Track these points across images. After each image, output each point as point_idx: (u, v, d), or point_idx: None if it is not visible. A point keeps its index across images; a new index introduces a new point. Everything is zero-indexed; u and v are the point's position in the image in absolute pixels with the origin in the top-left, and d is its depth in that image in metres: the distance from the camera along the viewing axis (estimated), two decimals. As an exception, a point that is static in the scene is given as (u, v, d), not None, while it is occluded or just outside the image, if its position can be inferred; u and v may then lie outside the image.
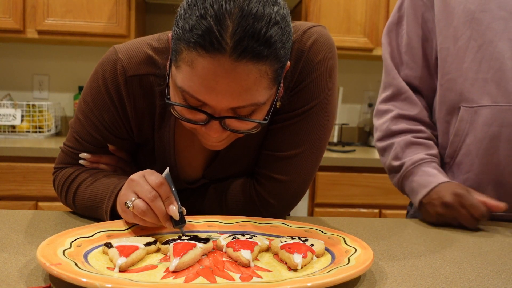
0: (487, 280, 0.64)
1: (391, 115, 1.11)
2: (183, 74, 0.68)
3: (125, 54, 0.84)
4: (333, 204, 2.37)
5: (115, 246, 0.65)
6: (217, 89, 0.66)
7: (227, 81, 0.65)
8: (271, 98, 0.73)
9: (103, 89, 0.85)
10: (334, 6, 2.60)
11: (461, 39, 1.01)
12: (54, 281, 0.57)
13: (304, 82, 0.85)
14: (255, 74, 0.66)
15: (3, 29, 2.45)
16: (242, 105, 0.69)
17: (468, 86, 1.01)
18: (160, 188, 0.73)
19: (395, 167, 1.08)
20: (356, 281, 0.61)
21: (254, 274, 0.61)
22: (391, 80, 1.13)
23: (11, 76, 2.85)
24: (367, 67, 3.02)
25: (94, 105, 0.87)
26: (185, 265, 0.61)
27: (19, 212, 0.91)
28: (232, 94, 0.67)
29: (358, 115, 3.06)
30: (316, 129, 0.87)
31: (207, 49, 0.64)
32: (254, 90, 0.68)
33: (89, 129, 0.89)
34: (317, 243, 0.69)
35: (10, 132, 2.56)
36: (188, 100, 0.70)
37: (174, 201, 0.73)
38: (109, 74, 0.84)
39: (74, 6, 2.48)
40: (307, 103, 0.86)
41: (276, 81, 0.71)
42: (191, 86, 0.68)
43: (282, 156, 0.88)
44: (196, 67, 0.66)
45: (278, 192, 0.89)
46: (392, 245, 0.79)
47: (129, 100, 0.85)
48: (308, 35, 0.84)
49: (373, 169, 2.35)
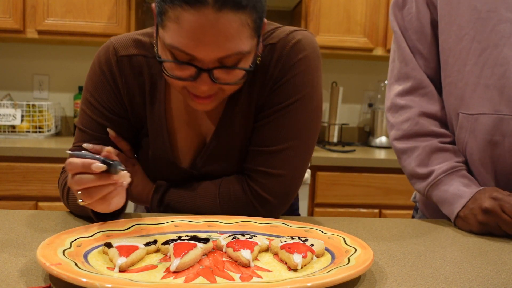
0: (487, 280, 0.64)
1: (412, 113, 1.02)
2: (171, 32, 0.74)
3: (117, 39, 0.94)
4: (333, 204, 2.37)
5: (115, 246, 0.65)
6: (204, 41, 0.73)
7: (212, 31, 0.72)
8: (253, 49, 0.80)
9: (98, 71, 0.93)
10: (334, 6, 2.60)
11: (464, 40, 0.95)
12: (54, 281, 0.57)
13: (285, 78, 0.89)
14: (237, 23, 0.73)
15: (3, 29, 2.45)
16: (228, 55, 0.75)
17: (469, 92, 0.95)
18: (71, 166, 0.71)
19: (421, 175, 1.00)
20: (356, 281, 0.61)
21: (254, 274, 0.61)
22: (410, 71, 1.03)
23: (11, 76, 2.85)
24: (367, 67, 3.01)
25: (93, 88, 0.93)
26: (186, 265, 0.61)
27: (19, 212, 0.91)
28: (218, 44, 0.73)
29: (358, 115, 3.06)
30: (299, 125, 0.90)
31: (190, 3, 0.71)
32: (237, 39, 0.74)
33: (93, 116, 0.94)
34: (317, 243, 0.69)
35: (10, 132, 2.56)
36: (177, 56, 0.76)
37: (89, 161, 0.69)
38: (103, 56, 0.93)
39: (74, 6, 2.48)
40: (288, 98, 0.89)
41: (256, 31, 0.78)
42: (179, 41, 0.74)
43: (269, 151, 0.91)
44: (182, 22, 0.72)
45: (270, 186, 0.91)
46: (392, 245, 0.79)
47: (120, 78, 0.92)
48: (292, 35, 0.90)
49: (373, 169, 2.35)
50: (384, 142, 2.84)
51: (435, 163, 0.98)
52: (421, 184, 1.01)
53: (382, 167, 2.34)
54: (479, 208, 0.88)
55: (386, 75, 2.98)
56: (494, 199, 0.87)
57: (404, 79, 1.04)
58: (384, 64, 3.00)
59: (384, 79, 2.95)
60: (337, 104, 2.82)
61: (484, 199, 0.88)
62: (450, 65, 0.98)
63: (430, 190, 0.99)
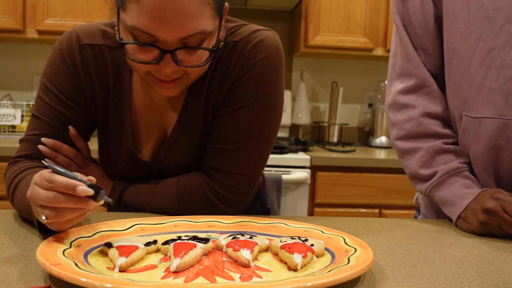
0: (487, 280, 0.64)
1: (414, 113, 0.99)
2: (132, 13, 0.74)
3: (80, 28, 0.93)
4: (333, 204, 2.37)
5: (115, 246, 0.65)
6: (165, 20, 0.72)
7: (172, 8, 0.72)
8: (216, 30, 0.80)
9: (59, 57, 0.91)
10: (334, 6, 2.60)
11: (469, 38, 0.90)
12: (54, 281, 0.57)
13: (245, 77, 0.89)
14: (197, 1, 0.73)
15: (3, 29, 2.45)
16: (190, 34, 0.75)
17: (473, 94, 0.92)
18: (52, 184, 0.64)
19: (424, 176, 0.98)
20: (356, 281, 0.61)
21: (254, 274, 0.61)
22: (413, 68, 0.99)
23: (11, 76, 2.85)
24: (367, 67, 3.01)
25: (53, 75, 0.92)
26: (186, 265, 0.61)
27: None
28: (180, 23, 0.73)
29: (358, 115, 3.06)
30: (258, 125, 0.91)
31: None
32: (199, 18, 0.74)
33: (51, 103, 0.91)
34: (317, 243, 0.69)
35: (10, 132, 2.55)
36: (139, 37, 0.76)
37: (75, 182, 0.64)
38: (64, 44, 0.92)
39: (74, 6, 2.48)
40: (247, 98, 0.89)
41: (218, 11, 0.78)
42: (140, 21, 0.73)
43: (226, 149, 0.91)
44: (143, 2, 0.72)
45: (226, 182, 0.91)
46: (392, 245, 0.79)
47: (82, 67, 0.91)
48: (255, 35, 0.90)
49: (373, 169, 2.35)
50: (384, 142, 2.84)
51: (438, 164, 0.97)
52: (423, 185, 1.00)
53: (382, 167, 2.34)
54: (480, 208, 0.87)
55: (386, 75, 2.99)
56: (496, 199, 0.86)
57: (407, 77, 1.01)
58: (384, 64, 3.00)
59: (384, 79, 2.95)
60: (337, 104, 2.82)
61: (486, 199, 0.87)
62: (454, 65, 0.95)
63: (432, 190, 0.98)
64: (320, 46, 2.61)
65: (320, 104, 3.03)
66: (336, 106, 2.82)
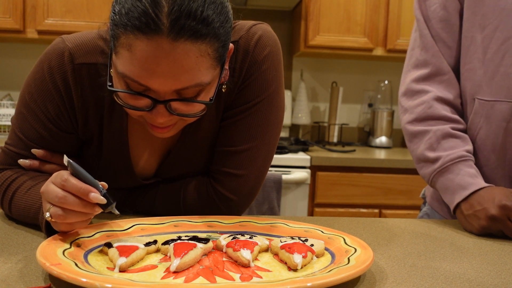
0: (487, 280, 0.64)
1: (428, 97, 1.02)
2: (123, 59, 0.67)
3: (73, 43, 0.82)
4: (333, 204, 2.37)
5: (115, 246, 0.65)
6: (158, 72, 0.66)
7: (167, 61, 0.65)
8: (215, 79, 0.73)
9: (48, 77, 0.82)
10: (334, 6, 2.60)
11: (487, 28, 0.96)
12: (54, 281, 0.57)
13: (252, 77, 0.86)
14: (195, 53, 0.66)
15: (3, 29, 2.45)
16: (185, 87, 0.68)
17: (487, 79, 0.96)
18: (66, 185, 0.64)
19: (429, 158, 1.00)
20: (356, 281, 0.61)
21: (254, 274, 0.61)
22: (430, 57, 1.03)
23: (11, 76, 2.85)
24: (367, 67, 3.01)
25: (38, 96, 0.83)
26: (186, 266, 0.61)
27: (19, 212, 0.91)
28: (174, 75, 0.66)
29: (358, 115, 3.06)
30: (267, 122, 0.89)
31: (143, 31, 0.64)
32: (196, 70, 0.67)
33: (33, 123, 0.84)
34: (317, 243, 0.69)
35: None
36: (131, 85, 0.69)
37: (89, 188, 0.64)
38: (55, 62, 0.82)
39: (74, 6, 2.48)
40: (256, 96, 0.87)
41: (219, 61, 0.71)
42: (131, 70, 0.67)
43: (235, 151, 0.89)
44: (135, 51, 0.65)
45: (236, 186, 0.90)
46: (392, 245, 0.79)
47: (76, 89, 0.82)
48: (253, 31, 0.87)
49: (373, 169, 2.35)
50: (384, 142, 2.84)
51: (444, 148, 0.98)
52: (427, 169, 1.01)
53: (382, 167, 2.34)
54: (484, 214, 0.88)
55: (386, 75, 2.99)
56: (503, 208, 0.86)
57: (423, 65, 1.04)
58: (384, 64, 3.00)
59: (384, 79, 2.95)
60: (337, 104, 2.82)
61: (491, 205, 0.87)
62: (471, 52, 0.99)
63: (436, 176, 0.99)
64: (320, 46, 2.61)
65: (320, 104, 3.03)
66: (336, 106, 2.82)
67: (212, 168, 0.92)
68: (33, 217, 0.79)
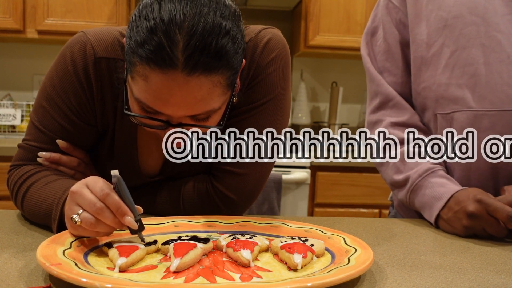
0: (487, 280, 0.64)
1: (383, 126, 1.08)
2: (139, 86, 0.70)
3: (94, 36, 0.84)
4: (333, 204, 2.37)
5: (115, 246, 0.65)
6: (171, 102, 0.69)
7: (181, 93, 0.68)
8: (226, 101, 0.76)
9: (71, 69, 0.83)
10: (334, 6, 2.60)
11: (434, 46, 1.00)
12: (54, 281, 0.57)
13: (260, 77, 0.88)
14: (208, 85, 0.69)
15: (3, 29, 2.45)
16: (198, 113, 0.72)
17: (441, 92, 0.99)
18: (107, 198, 0.66)
19: (399, 182, 1.02)
20: (356, 281, 0.61)
21: (254, 274, 0.61)
22: (376, 87, 1.10)
23: (11, 76, 2.85)
24: (367, 67, 3.01)
25: (61, 88, 0.84)
26: (186, 266, 0.61)
27: (19, 212, 0.91)
28: (187, 105, 0.70)
29: (358, 115, 3.06)
30: (271, 123, 0.90)
31: (159, 65, 0.67)
32: (208, 99, 0.71)
33: (55, 116, 0.85)
34: (317, 243, 0.69)
35: (10, 132, 2.56)
36: (145, 108, 0.72)
37: (127, 210, 0.66)
38: (77, 54, 0.83)
39: (74, 6, 2.48)
40: (262, 97, 0.88)
41: (230, 86, 0.74)
42: (146, 98, 0.70)
43: None
44: (150, 81, 0.68)
45: (235, 185, 0.90)
46: (392, 245, 0.79)
47: (96, 81, 0.84)
48: (262, 34, 0.88)
49: (373, 169, 2.34)
50: (384, 142, 2.84)
51: (410, 167, 1.00)
52: (402, 193, 1.03)
53: (382, 167, 2.34)
54: (463, 213, 0.87)
55: (386, 75, 2.99)
56: (479, 202, 0.85)
57: (374, 96, 1.11)
58: (384, 64, 3.00)
59: (384, 79, 2.95)
60: (337, 104, 2.82)
61: (468, 203, 0.87)
62: (423, 71, 1.03)
63: (411, 197, 1.00)
64: (320, 46, 2.61)
65: (320, 104, 3.03)
66: (336, 106, 2.82)
67: (213, 165, 0.92)
68: (44, 212, 0.79)
